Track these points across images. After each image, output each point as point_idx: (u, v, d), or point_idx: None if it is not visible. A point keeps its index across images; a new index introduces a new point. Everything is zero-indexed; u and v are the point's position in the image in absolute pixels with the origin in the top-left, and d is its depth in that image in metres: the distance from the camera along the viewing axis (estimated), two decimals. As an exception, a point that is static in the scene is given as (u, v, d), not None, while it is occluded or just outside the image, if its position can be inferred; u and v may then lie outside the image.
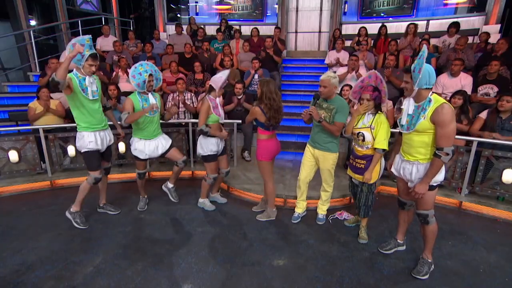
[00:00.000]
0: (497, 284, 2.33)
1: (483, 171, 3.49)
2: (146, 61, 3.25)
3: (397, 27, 7.34)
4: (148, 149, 3.26)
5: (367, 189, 2.72)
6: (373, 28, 6.68)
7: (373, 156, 2.61)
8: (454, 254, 2.69)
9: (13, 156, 3.89)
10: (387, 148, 2.55)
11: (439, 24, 7.08)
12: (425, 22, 7.30)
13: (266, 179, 3.15)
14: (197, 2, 8.87)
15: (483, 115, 3.63)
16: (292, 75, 7.25)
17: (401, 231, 2.70)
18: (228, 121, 4.28)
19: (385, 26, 6.27)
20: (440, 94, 4.32)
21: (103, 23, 7.56)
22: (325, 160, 2.94)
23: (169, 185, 3.69)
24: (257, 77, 5.43)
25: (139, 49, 6.67)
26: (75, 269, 2.44)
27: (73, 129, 4.30)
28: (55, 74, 2.45)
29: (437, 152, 2.08)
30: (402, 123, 2.28)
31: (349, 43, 6.69)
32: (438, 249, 2.60)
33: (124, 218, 3.28)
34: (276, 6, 8.22)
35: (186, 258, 2.59)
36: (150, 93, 3.23)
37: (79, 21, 7.11)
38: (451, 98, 3.77)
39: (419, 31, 6.13)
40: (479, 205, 3.49)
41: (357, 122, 2.67)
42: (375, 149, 2.58)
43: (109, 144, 3.12)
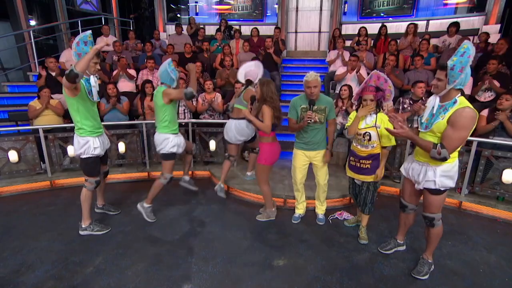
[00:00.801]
0: (497, 284, 2.33)
1: (483, 171, 3.49)
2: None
3: (397, 27, 7.35)
4: (182, 143, 3.22)
5: (373, 187, 2.73)
6: (373, 28, 6.68)
7: (381, 154, 2.63)
8: (454, 254, 2.70)
9: (13, 156, 3.89)
10: (395, 143, 2.64)
11: (439, 24, 7.09)
12: (425, 22, 7.31)
13: (261, 182, 3.13)
14: (197, 2, 8.87)
15: (484, 113, 3.63)
16: (292, 75, 7.24)
17: (401, 232, 2.69)
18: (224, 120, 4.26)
19: (385, 26, 6.27)
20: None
21: (103, 23, 7.56)
22: (321, 157, 2.98)
23: (186, 178, 3.77)
24: None
25: (139, 48, 6.67)
26: (75, 269, 2.43)
27: (73, 129, 4.29)
28: (75, 66, 2.29)
29: (439, 145, 1.98)
30: (422, 120, 2.19)
31: (349, 43, 6.69)
32: (438, 249, 2.59)
33: (124, 218, 3.27)
34: (276, 6, 8.22)
35: (186, 258, 2.59)
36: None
37: (79, 21, 7.12)
38: None
39: (419, 31, 6.14)
40: (479, 205, 3.49)
41: (360, 123, 2.67)
42: (384, 148, 2.61)
43: (108, 147, 3.03)
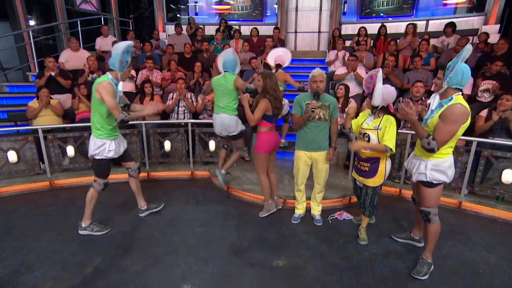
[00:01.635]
0: (497, 284, 2.33)
1: (483, 171, 3.49)
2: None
3: (396, 27, 7.35)
4: None
5: (372, 192, 2.71)
6: (372, 28, 6.68)
7: (379, 147, 2.50)
8: (454, 254, 2.70)
9: (12, 156, 3.88)
10: (393, 148, 2.44)
11: (438, 24, 7.08)
12: (425, 22, 7.33)
13: (258, 171, 3.17)
14: (196, 2, 8.86)
15: (484, 113, 3.64)
16: (291, 75, 7.19)
17: (417, 227, 2.77)
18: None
19: (385, 26, 6.27)
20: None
21: (103, 23, 7.55)
22: (324, 158, 2.97)
23: (222, 171, 3.76)
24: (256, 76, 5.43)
25: (138, 47, 6.66)
26: (75, 269, 2.43)
27: (72, 130, 4.30)
28: (129, 116, 2.68)
29: (431, 136, 2.08)
30: (425, 117, 2.30)
31: (348, 43, 6.70)
32: (438, 249, 2.59)
33: (124, 218, 3.27)
34: (275, 6, 8.23)
35: (185, 258, 2.58)
36: None
37: (78, 21, 7.10)
38: None
39: (418, 31, 6.15)
40: (478, 205, 3.49)
41: (363, 121, 2.66)
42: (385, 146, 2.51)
43: (125, 147, 3.05)
